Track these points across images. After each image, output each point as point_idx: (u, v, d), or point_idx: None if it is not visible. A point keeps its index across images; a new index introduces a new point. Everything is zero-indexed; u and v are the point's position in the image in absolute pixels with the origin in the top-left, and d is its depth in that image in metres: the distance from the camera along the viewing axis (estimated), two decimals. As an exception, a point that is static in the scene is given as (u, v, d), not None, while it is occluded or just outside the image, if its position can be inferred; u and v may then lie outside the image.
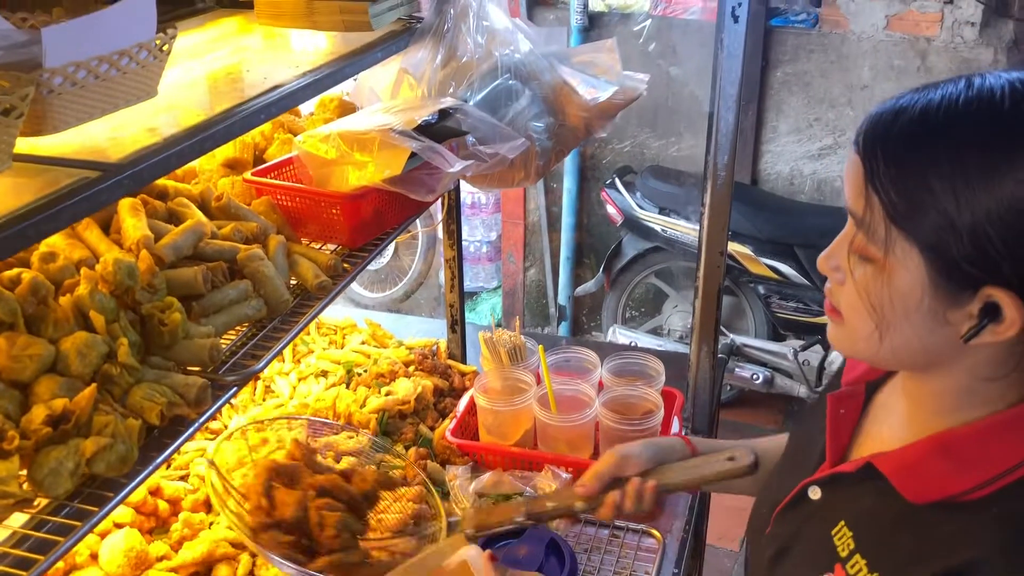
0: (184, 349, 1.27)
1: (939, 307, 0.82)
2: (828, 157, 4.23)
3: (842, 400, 1.04)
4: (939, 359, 0.87)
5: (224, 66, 1.53)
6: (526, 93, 1.79)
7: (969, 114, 0.79)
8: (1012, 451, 0.84)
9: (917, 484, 0.88)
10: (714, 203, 1.87)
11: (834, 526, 0.96)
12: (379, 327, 2.31)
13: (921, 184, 0.79)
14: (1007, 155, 0.76)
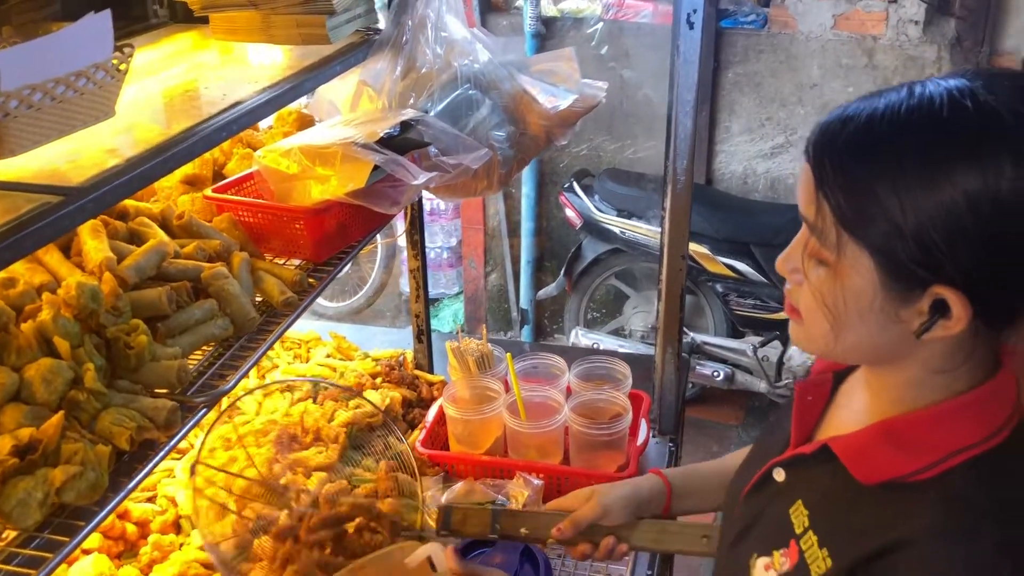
0: (151, 371, 1.25)
1: (890, 306, 0.86)
2: (780, 156, 4.29)
3: (809, 388, 1.08)
4: (893, 354, 0.91)
5: (181, 83, 1.52)
6: (486, 103, 1.79)
7: (911, 123, 0.82)
8: (954, 437, 0.88)
9: (866, 466, 0.93)
10: (674, 207, 1.89)
11: (792, 504, 1.01)
12: (344, 339, 2.30)
13: (867, 191, 0.82)
14: (946, 162, 0.79)
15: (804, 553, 0.96)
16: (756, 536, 1.06)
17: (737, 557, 1.08)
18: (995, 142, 0.79)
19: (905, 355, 0.90)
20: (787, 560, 0.98)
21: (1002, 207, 0.78)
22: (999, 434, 0.88)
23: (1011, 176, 0.77)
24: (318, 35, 1.68)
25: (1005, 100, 0.80)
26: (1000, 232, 0.79)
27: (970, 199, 0.78)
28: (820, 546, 0.94)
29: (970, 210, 0.78)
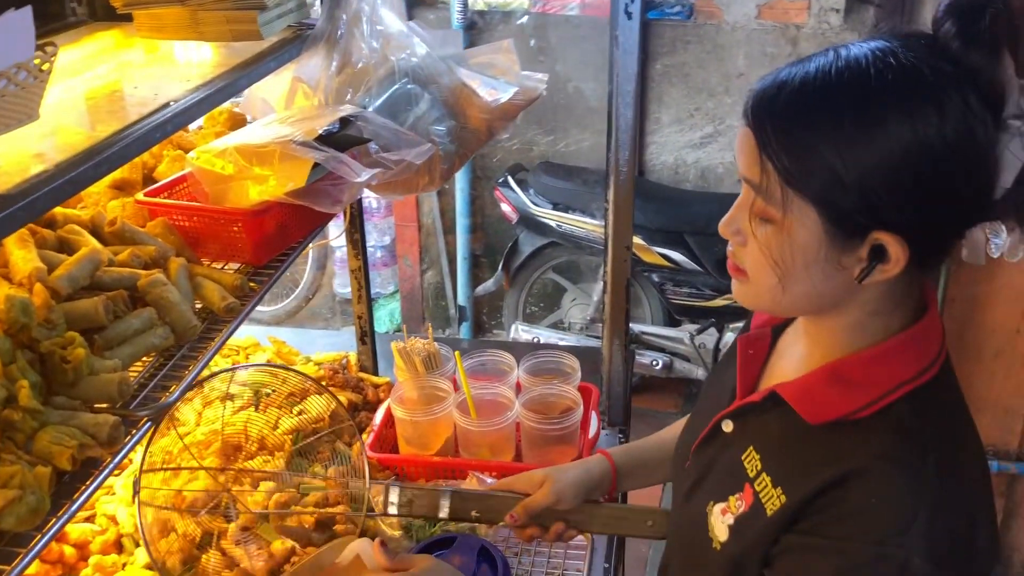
0: (90, 386, 1.19)
1: (834, 255, 0.92)
2: (710, 145, 4.34)
3: (751, 342, 1.14)
4: (835, 301, 0.97)
5: (108, 83, 1.45)
6: (425, 97, 1.76)
7: (842, 83, 0.88)
8: (893, 374, 0.96)
9: (814, 407, 0.99)
10: (617, 199, 1.89)
11: (744, 451, 1.07)
12: (284, 344, 2.24)
13: (809, 150, 0.88)
14: (879, 116, 0.86)
15: (759, 494, 1.01)
16: (710, 485, 1.11)
17: (692, 507, 1.13)
18: (920, 95, 0.86)
19: (846, 301, 0.97)
20: (743, 503, 1.03)
21: (932, 153, 0.85)
22: (931, 368, 0.97)
23: (937, 125, 0.85)
24: (249, 31, 1.63)
25: (923, 57, 0.87)
26: (931, 177, 0.86)
27: (904, 148, 0.85)
28: (774, 485, 1.00)
29: (904, 158, 0.85)
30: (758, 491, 1.02)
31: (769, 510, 0.99)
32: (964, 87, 0.85)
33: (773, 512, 0.98)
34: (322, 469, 1.84)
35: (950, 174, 0.86)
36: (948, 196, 0.87)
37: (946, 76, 0.86)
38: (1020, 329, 2.27)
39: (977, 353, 2.29)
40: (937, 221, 0.89)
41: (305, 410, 1.93)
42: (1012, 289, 2.23)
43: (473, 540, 1.66)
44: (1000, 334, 2.27)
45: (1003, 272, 2.23)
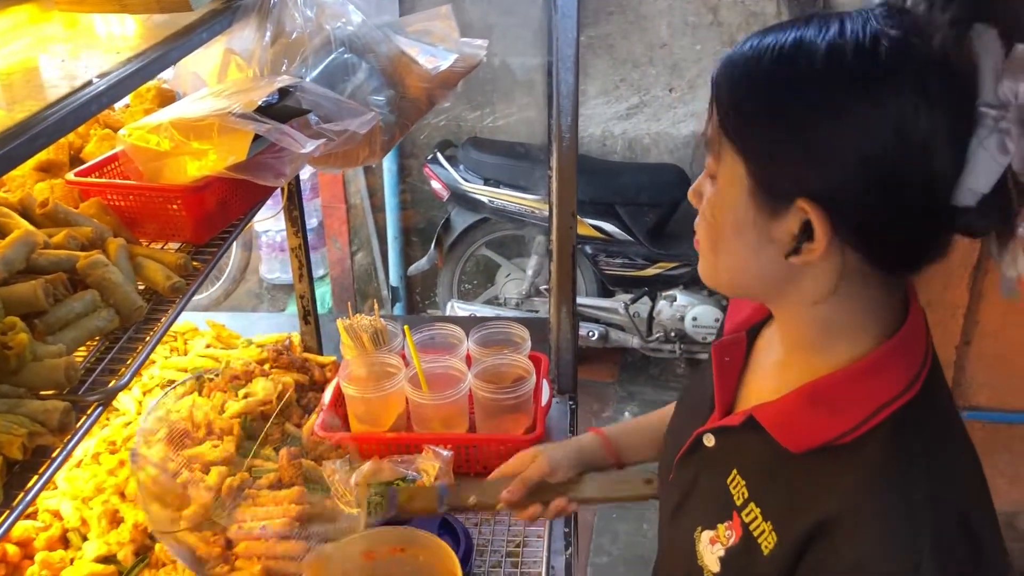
0: (34, 372, 1.14)
1: (762, 221, 0.87)
2: (636, 116, 4.37)
3: (726, 348, 1.08)
4: (770, 283, 0.91)
5: (31, 57, 1.37)
6: (363, 66, 1.72)
7: (795, 49, 0.83)
8: (876, 393, 0.88)
9: (794, 434, 0.92)
10: (561, 166, 1.88)
11: (728, 475, 1.00)
12: (223, 328, 2.18)
13: (747, 99, 0.86)
14: (811, 85, 0.82)
15: (748, 526, 0.95)
16: (697, 507, 1.06)
17: (680, 530, 1.07)
18: (869, 74, 0.80)
19: (782, 285, 0.91)
20: (732, 533, 0.97)
21: (864, 131, 0.79)
22: (916, 383, 0.89)
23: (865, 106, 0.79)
24: (178, 2, 1.56)
25: (888, 30, 0.81)
26: (860, 153, 0.80)
27: (836, 121, 0.80)
28: (764, 519, 0.93)
29: (834, 130, 0.80)
30: (747, 522, 0.95)
31: (764, 548, 0.92)
32: (925, 65, 0.78)
33: (770, 551, 0.91)
34: (273, 452, 1.80)
35: (885, 154, 0.79)
36: (883, 178, 0.80)
37: (907, 52, 0.79)
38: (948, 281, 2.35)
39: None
40: (870, 205, 0.81)
41: (252, 393, 1.88)
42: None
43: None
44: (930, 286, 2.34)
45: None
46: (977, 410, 2.48)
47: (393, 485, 1.72)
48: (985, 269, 2.37)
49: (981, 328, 2.43)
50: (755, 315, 1.09)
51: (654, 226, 4.00)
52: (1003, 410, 2.50)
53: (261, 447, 1.81)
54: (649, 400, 4.18)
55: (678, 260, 3.98)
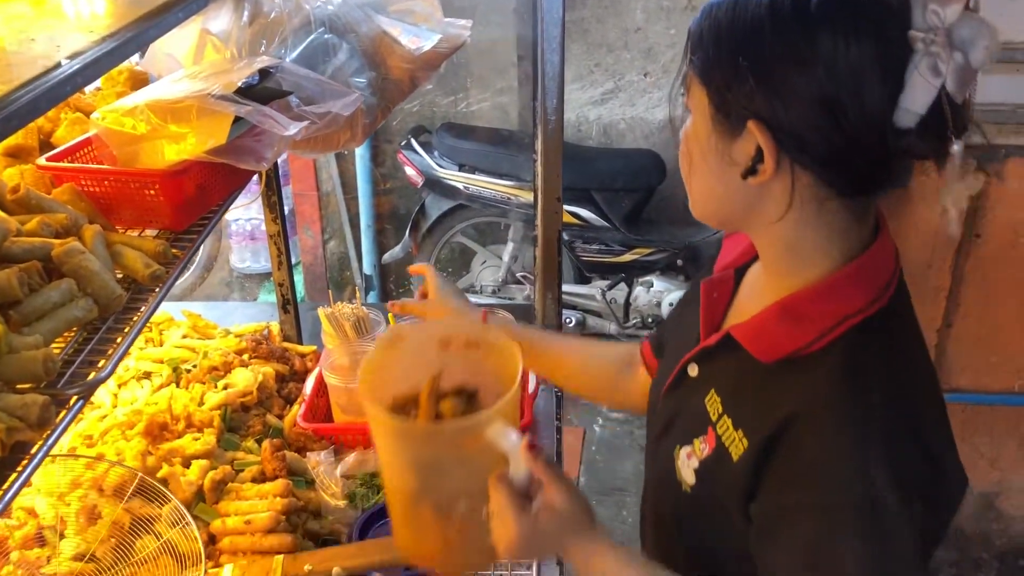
0: (10, 365, 1.08)
1: (723, 144, 0.95)
2: (611, 101, 4.34)
3: (714, 285, 1.14)
4: (737, 205, 0.99)
5: (0, 36, 1.32)
6: (344, 47, 1.68)
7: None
8: (841, 306, 0.95)
9: (765, 345, 1.00)
10: (547, 149, 1.85)
11: (707, 395, 1.07)
12: (199, 317, 2.13)
13: (709, 30, 0.94)
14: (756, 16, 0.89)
15: (721, 437, 1.02)
16: (677, 429, 1.12)
17: (661, 451, 1.14)
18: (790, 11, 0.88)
19: (747, 207, 0.98)
20: (706, 446, 1.04)
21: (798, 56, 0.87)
22: (880, 299, 0.96)
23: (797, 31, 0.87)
24: (151, -21, 1.51)
25: None
26: (793, 76, 0.87)
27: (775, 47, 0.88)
28: (735, 428, 1.01)
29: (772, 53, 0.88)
30: (720, 434, 1.02)
31: (734, 455, 0.99)
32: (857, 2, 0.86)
33: (739, 457, 0.99)
34: (255, 445, 1.76)
35: (818, 76, 0.86)
36: (818, 99, 0.86)
37: None
38: (931, 264, 2.36)
39: (892, 288, 2.36)
40: (810, 125, 0.88)
41: (231, 384, 1.84)
42: (923, 226, 2.30)
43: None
44: (912, 269, 2.35)
45: (915, 209, 2.31)
46: (958, 392, 2.49)
47: None
48: (967, 253, 2.38)
49: (962, 311, 2.44)
50: (743, 256, 1.15)
51: (630, 212, 3.98)
52: (983, 392, 2.51)
53: (243, 439, 1.77)
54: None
55: (654, 246, 3.96)
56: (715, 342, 1.07)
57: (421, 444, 1.11)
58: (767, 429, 0.95)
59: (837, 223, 0.95)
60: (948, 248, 2.34)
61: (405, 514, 1.15)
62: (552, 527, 1.02)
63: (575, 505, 1.03)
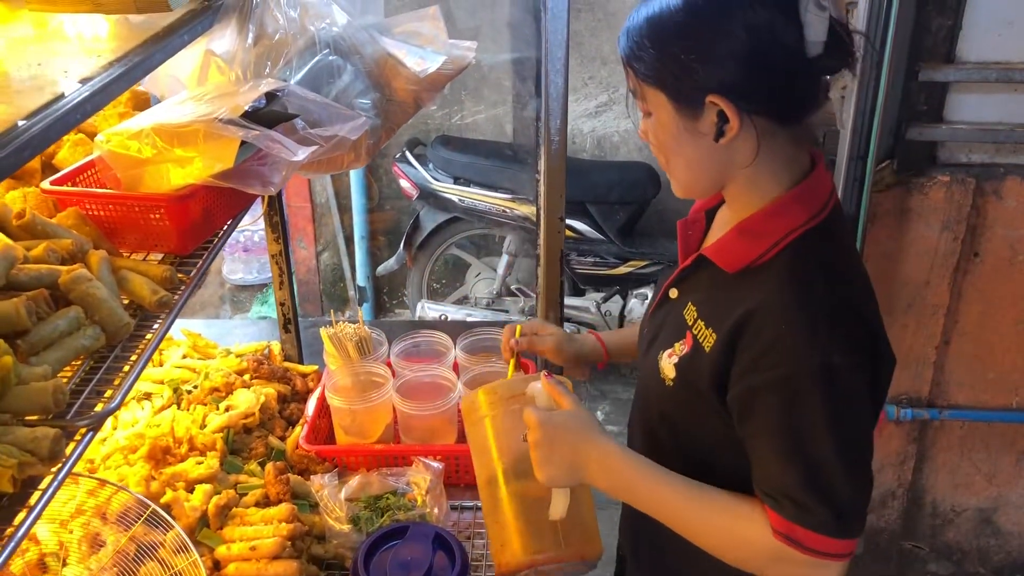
0: (19, 397, 1.07)
1: (689, 125, 1.14)
2: (604, 114, 4.35)
3: (688, 225, 1.38)
4: (717, 166, 1.18)
5: (5, 60, 1.31)
6: (348, 69, 1.67)
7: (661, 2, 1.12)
8: (787, 223, 1.17)
9: (728, 258, 1.21)
10: (550, 169, 1.85)
11: (684, 307, 1.29)
12: (199, 337, 2.12)
13: (643, 48, 1.14)
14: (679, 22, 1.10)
15: (696, 337, 1.24)
16: (660, 340, 1.33)
17: (648, 360, 1.35)
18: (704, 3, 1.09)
19: (726, 165, 1.18)
20: (685, 346, 1.26)
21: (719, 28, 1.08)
22: (819, 215, 1.18)
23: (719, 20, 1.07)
24: (156, 2, 1.50)
25: None
26: (724, 45, 1.08)
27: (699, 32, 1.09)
28: (707, 327, 1.22)
29: (700, 38, 1.09)
30: (695, 335, 1.24)
31: (706, 347, 1.20)
32: None
33: (710, 348, 1.19)
34: (257, 467, 1.74)
35: (749, 44, 1.08)
36: (754, 60, 1.08)
37: None
38: (929, 281, 2.36)
39: (890, 306, 2.37)
40: (755, 80, 1.10)
41: (233, 405, 1.82)
42: (922, 243, 2.31)
43: (427, 528, 1.61)
44: (911, 287, 2.35)
45: (913, 227, 2.31)
46: (956, 408, 2.50)
47: None
48: (964, 270, 2.39)
49: (960, 328, 2.44)
50: (711, 201, 1.37)
51: (625, 224, 3.98)
52: (981, 408, 2.52)
53: (245, 462, 1.76)
54: (621, 399, 4.17)
55: (649, 258, 3.96)
56: (690, 263, 1.30)
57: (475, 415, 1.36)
58: (731, 322, 1.16)
59: (784, 153, 1.18)
60: (946, 266, 2.35)
61: (491, 506, 1.35)
62: (566, 422, 1.24)
63: (582, 411, 1.26)
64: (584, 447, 1.22)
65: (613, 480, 1.22)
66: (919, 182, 2.27)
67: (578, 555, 1.32)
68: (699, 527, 1.20)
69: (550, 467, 1.23)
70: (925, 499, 2.76)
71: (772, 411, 1.12)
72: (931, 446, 2.62)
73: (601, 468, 1.22)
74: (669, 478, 1.21)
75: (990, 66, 2.17)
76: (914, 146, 2.24)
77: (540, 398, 1.29)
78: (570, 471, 1.23)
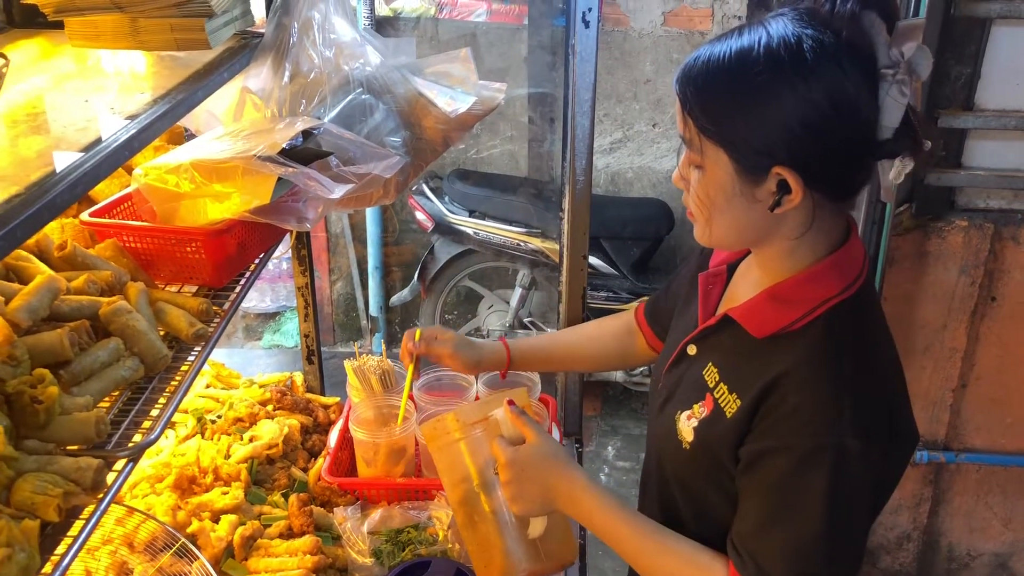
0: (62, 427, 1.09)
1: (747, 190, 1.10)
2: (619, 150, 4.39)
3: (709, 279, 1.34)
4: (760, 233, 1.15)
5: (53, 96, 1.34)
6: (380, 107, 1.70)
7: (741, 59, 1.06)
8: (820, 292, 1.15)
9: (758, 323, 1.18)
10: (574, 209, 1.87)
11: (705, 367, 1.26)
12: (223, 367, 2.14)
13: (716, 107, 1.08)
14: (767, 85, 1.04)
15: (718, 400, 1.20)
16: (678, 398, 1.30)
17: (664, 419, 1.31)
18: (800, 64, 1.03)
19: (772, 232, 1.14)
20: (704, 409, 1.23)
21: (811, 107, 1.03)
22: (853, 286, 1.15)
23: (814, 86, 1.03)
24: (197, 40, 1.53)
25: (806, 28, 1.04)
26: (813, 123, 1.04)
27: (789, 106, 1.04)
28: (730, 392, 1.19)
29: (790, 113, 1.04)
30: (717, 398, 1.21)
31: (728, 413, 1.17)
32: (838, 50, 1.03)
33: (732, 414, 1.17)
34: (281, 499, 1.75)
35: (829, 120, 1.04)
36: (830, 136, 1.05)
37: (822, 44, 1.03)
38: (946, 325, 2.38)
39: (908, 348, 2.39)
40: (826, 156, 1.06)
41: (257, 436, 1.84)
42: (939, 287, 2.33)
43: (449, 564, 1.62)
44: (928, 330, 2.37)
45: (931, 271, 2.33)
46: (972, 452, 2.50)
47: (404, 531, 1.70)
48: (982, 314, 2.40)
49: (977, 372, 2.46)
50: (735, 254, 1.34)
51: (638, 260, 4.01)
52: (997, 452, 2.52)
53: (268, 493, 1.77)
54: (632, 434, 4.17)
55: (662, 294, 3.98)
56: (714, 323, 1.26)
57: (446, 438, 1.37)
58: (757, 388, 1.14)
59: (826, 224, 1.15)
60: (964, 310, 2.37)
61: (468, 523, 1.37)
62: (532, 457, 1.27)
63: (547, 443, 1.28)
64: (552, 480, 1.27)
65: (577, 510, 1.26)
66: (937, 226, 2.30)
67: (559, 564, 1.39)
68: (649, 566, 1.22)
69: (523, 502, 1.29)
70: (941, 543, 2.75)
71: (774, 473, 1.11)
72: (947, 489, 2.62)
73: (569, 499, 1.26)
74: (630, 516, 1.23)
75: (1009, 114, 2.20)
76: (933, 191, 2.27)
77: (505, 427, 1.33)
78: (542, 503, 1.29)
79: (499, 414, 1.33)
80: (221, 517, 1.61)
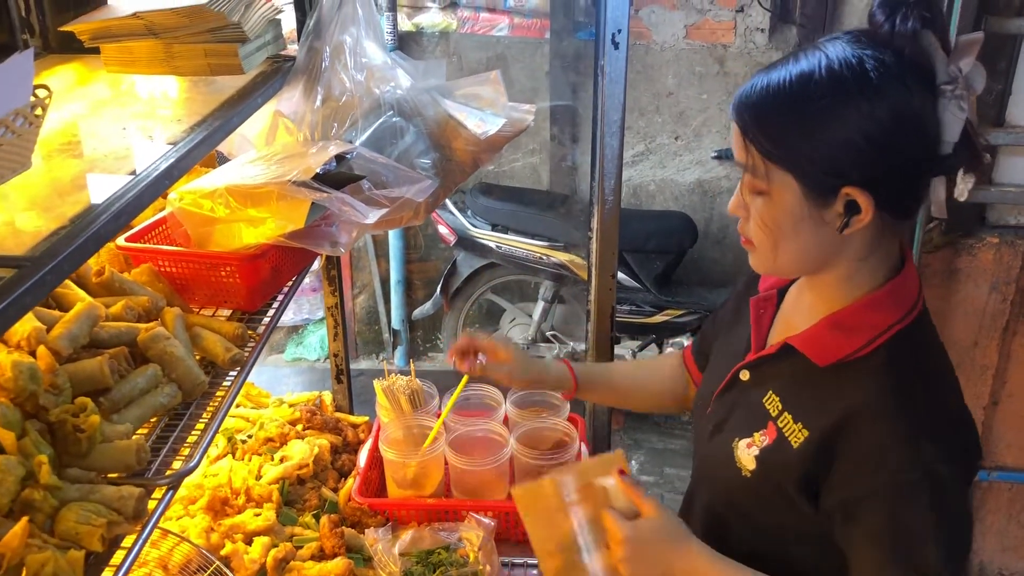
0: (104, 455, 1.10)
1: (816, 213, 1.10)
2: (641, 163, 4.39)
3: (760, 304, 1.34)
4: (825, 257, 1.15)
5: (92, 123, 1.35)
6: (411, 130, 1.71)
7: (803, 82, 1.08)
8: (882, 319, 1.15)
9: (820, 351, 1.17)
10: (603, 228, 1.87)
11: (764, 395, 1.25)
12: (252, 385, 2.15)
13: (780, 132, 1.09)
14: (831, 105, 1.06)
15: (781, 430, 1.20)
16: (734, 425, 1.28)
17: (717, 444, 1.30)
18: (865, 84, 1.04)
19: (834, 256, 1.14)
20: (767, 438, 1.22)
21: (879, 125, 1.04)
22: (912, 312, 1.16)
23: (880, 104, 1.04)
24: (230, 65, 1.55)
25: (865, 49, 1.06)
26: (881, 141, 1.05)
27: (855, 125, 1.05)
28: (795, 421, 1.18)
29: (857, 132, 1.05)
30: (781, 427, 1.20)
31: (794, 443, 1.17)
32: (900, 69, 1.05)
33: (799, 444, 1.16)
34: (312, 519, 1.76)
35: (896, 136, 1.05)
36: (898, 153, 1.06)
37: (884, 63, 1.05)
38: (977, 342, 2.36)
39: (938, 366, 2.37)
40: (894, 173, 1.07)
41: (287, 456, 1.85)
42: (970, 304, 2.31)
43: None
44: (959, 347, 2.35)
45: (962, 288, 2.32)
46: (1004, 470, 2.48)
47: None
48: (1013, 331, 2.38)
49: (1008, 389, 2.43)
50: (783, 280, 1.33)
51: (661, 273, 3.99)
52: (1029, 470, 2.50)
53: (299, 513, 1.77)
54: (656, 448, 4.15)
55: (685, 307, 3.97)
56: (775, 351, 1.25)
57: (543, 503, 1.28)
58: (829, 420, 1.13)
59: (884, 249, 1.15)
60: (995, 327, 2.35)
61: None
62: (654, 534, 1.20)
63: (668, 516, 1.21)
64: (676, 560, 1.20)
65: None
66: (968, 243, 2.29)
67: None
68: None
69: (632, 566, 1.21)
70: (973, 561, 2.72)
71: (877, 520, 1.10)
72: (979, 507, 2.59)
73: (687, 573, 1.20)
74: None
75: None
76: (963, 207, 2.26)
77: (617, 499, 1.24)
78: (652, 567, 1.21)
79: (610, 484, 1.24)
80: (254, 539, 1.62)
